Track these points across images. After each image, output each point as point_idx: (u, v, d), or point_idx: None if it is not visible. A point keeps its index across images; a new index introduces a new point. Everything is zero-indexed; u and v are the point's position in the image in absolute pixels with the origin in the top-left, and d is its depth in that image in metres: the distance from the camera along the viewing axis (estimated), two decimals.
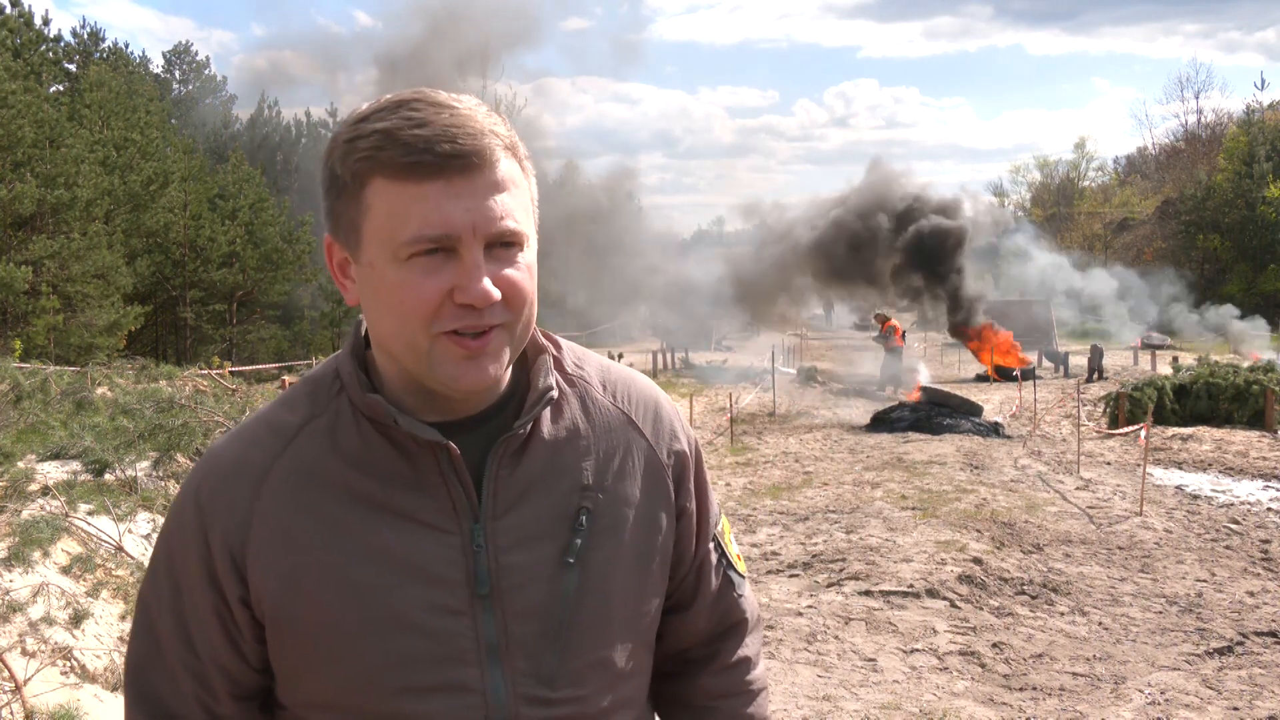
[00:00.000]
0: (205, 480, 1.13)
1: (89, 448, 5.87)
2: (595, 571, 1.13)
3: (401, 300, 1.03)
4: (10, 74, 20.05)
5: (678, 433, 1.25)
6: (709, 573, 1.30)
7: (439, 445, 1.08)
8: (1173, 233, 45.28)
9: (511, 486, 1.12)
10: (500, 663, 1.09)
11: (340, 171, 1.05)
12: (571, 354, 1.23)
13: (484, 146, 1.02)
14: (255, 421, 1.17)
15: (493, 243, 1.03)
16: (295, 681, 1.13)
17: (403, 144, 1.00)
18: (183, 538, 1.13)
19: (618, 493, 1.17)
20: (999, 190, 71.38)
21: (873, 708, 4.76)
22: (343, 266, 1.10)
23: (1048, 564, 7.36)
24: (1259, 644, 5.67)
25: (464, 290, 1.02)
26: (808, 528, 8.55)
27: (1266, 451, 12.53)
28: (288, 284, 28.83)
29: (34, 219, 20.38)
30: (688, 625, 1.30)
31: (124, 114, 24.44)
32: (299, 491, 1.10)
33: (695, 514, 1.26)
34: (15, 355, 15.12)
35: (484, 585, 1.09)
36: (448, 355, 1.04)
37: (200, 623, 1.12)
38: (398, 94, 1.05)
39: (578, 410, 1.19)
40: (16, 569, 4.24)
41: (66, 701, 3.60)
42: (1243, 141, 42.76)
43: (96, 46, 31.49)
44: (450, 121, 1.01)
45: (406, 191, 1.01)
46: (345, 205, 1.05)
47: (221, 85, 46.85)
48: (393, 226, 1.01)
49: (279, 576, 1.08)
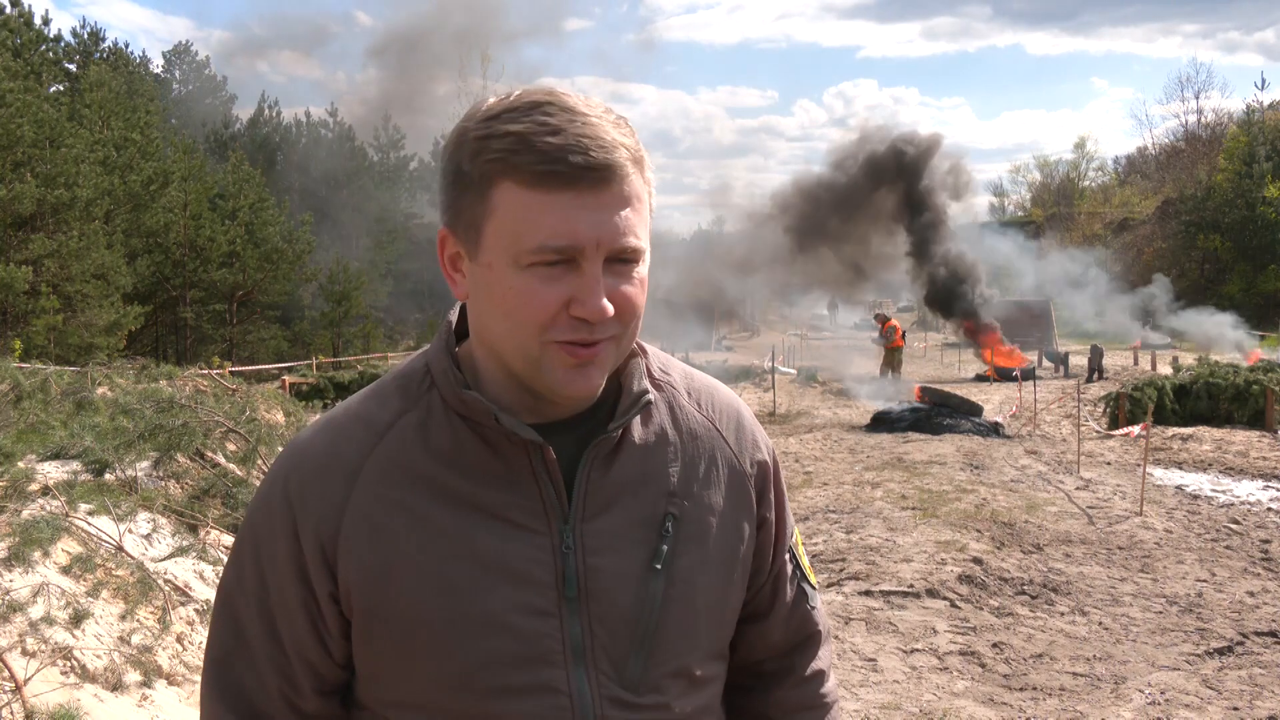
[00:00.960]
0: (294, 472, 1.12)
1: (89, 448, 5.87)
2: (681, 578, 1.13)
3: (519, 305, 1.02)
4: (10, 74, 20.06)
5: (759, 443, 1.25)
6: (785, 584, 1.29)
7: (534, 445, 1.08)
8: (1173, 233, 45.29)
9: (603, 490, 1.11)
10: (585, 665, 1.09)
11: (468, 168, 1.04)
12: (657, 359, 1.23)
13: (615, 161, 1.02)
14: (344, 415, 1.15)
15: (613, 258, 1.03)
16: (379, 680, 1.12)
17: (538, 151, 0.99)
18: (270, 530, 1.11)
19: (703, 500, 1.16)
20: (999, 190, 71.50)
21: (873, 708, 4.76)
22: (454, 260, 1.09)
23: (1048, 564, 7.36)
24: (1259, 644, 5.67)
25: (581, 304, 1.02)
26: (808, 528, 8.55)
27: (1266, 451, 12.53)
28: (288, 284, 28.82)
29: (34, 219, 20.38)
30: (763, 636, 1.29)
31: (124, 114, 24.46)
32: (391, 487, 1.09)
33: (774, 525, 1.26)
34: (15, 355, 15.13)
35: (572, 587, 1.08)
36: (558, 363, 1.04)
37: (287, 617, 1.11)
38: (528, 93, 1.04)
39: (665, 416, 1.18)
40: (16, 569, 4.24)
41: (66, 701, 3.60)
42: (1243, 141, 42.77)
43: (96, 46, 31.50)
44: (583, 131, 1.01)
45: (536, 199, 1.00)
46: (469, 202, 1.04)
47: (222, 85, 46.87)
48: (518, 232, 1.01)
49: (369, 572, 1.07)
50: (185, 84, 45.99)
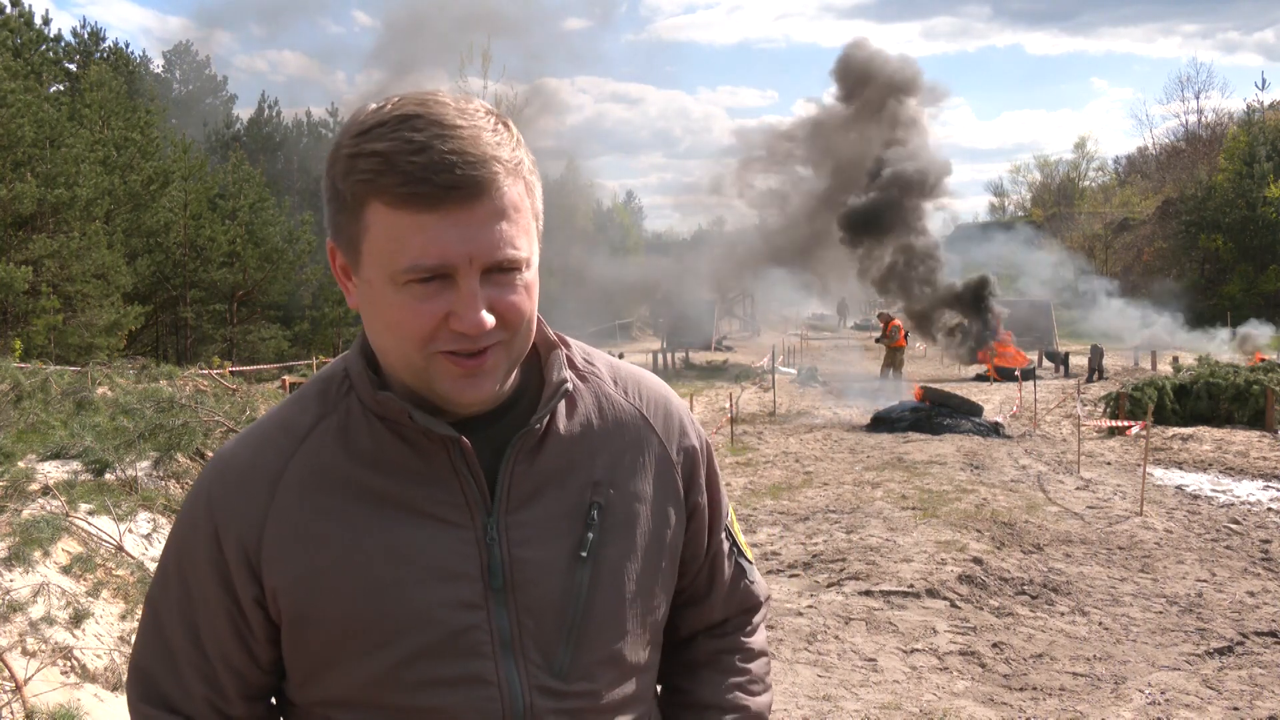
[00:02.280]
0: (216, 482, 1.14)
1: (89, 447, 5.87)
2: (608, 566, 1.14)
3: (398, 322, 1.03)
4: (10, 74, 20.04)
5: (687, 429, 1.26)
6: (723, 563, 1.32)
7: (450, 439, 1.09)
8: (1173, 233, 45.25)
9: (527, 481, 1.12)
10: (513, 656, 1.10)
11: (341, 187, 1.04)
12: (580, 351, 1.24)
13: (484, 176, 1.00)
14: (266, 422, 1.17)
15: (491, 269, 1.03)
16: (312, 680, 1.13)
17: (401, 172, 0.98)
18: (194, 539, 1.13)
19: (629, 488, 1.18)
20: (999, 190, 71.46)
21: (873, 708, 4.76)
22: (345, 270, 1.10)
23: (1048, 564, 7.36)
24: (1259, 644, 5.67)
25: (459, 318, 1.02)
26: (808, 528, 8.55)
27: (1267, 451, 12.52)
28: (288, 284, 28.80)
29: (34, 219, 20.37)
30: (704, 616, 1.32)
31: (124, 114, 24.42)
32: (313, 491, 1.10)
33: (707, 509, 1.28)
34: (15, 355, 15.12)
35: (498, 579, 1.10)
36: (445, 373, 1.05)
37: (211, 624, 1.13)
38: (401, 104, 1.03)
39: (591, 406, 1.19)
40: (17, 568, 4.24)
41: (67, 701, 3.60)
42: (1243, 141, 42.72)
43: (97, 46, 31.47)
44: (452, 148, 0.99)
45: (404, 220, 1.00)
46: (345, 220, 1.05)
47: (222, 85, 46.88)
48: (390, 251, 1.01)
49: (296, 576, 1.09)
50: (185, 84, 46.00)
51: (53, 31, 28.94)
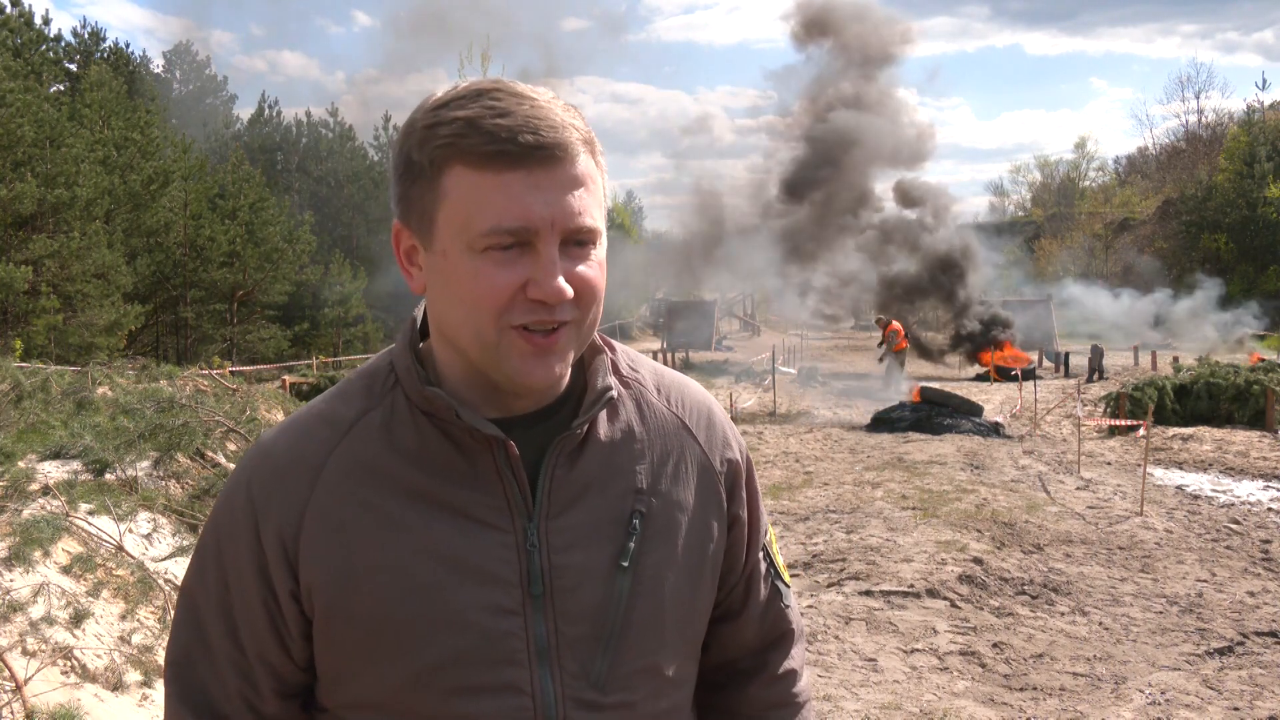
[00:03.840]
0: (257, 473, 1.11)
1: (89, 447, 5.86)
2: (648, 575, 1.12)
3: (474, 290, 1.01)
4: (10, 74, 20.06)
5: (730, 440, 1.24)
6: (758, 582, 1.28)
7: (497, 441, 1.07)
8: (1173, 233, 45.26)
9: (567, 487, 1.10)
10: (549, 664, 1.08)
11: (418, 157, 1.03)
12: (625, 356, 1.22)
13: (565, 140, 1.01)
14: (308, 414, 1.15)
15: (568, 239, 1.02)
16: (341, 681, 1.11)
17: (486, 132, 0.99)
18: (233, 530, 1.11)
19: (671, 497, 1.15)
20: (999, 190, 71.49)
21: (873, 708, 4.76)
22: (410, 254, 1.09)
23: (1048, 564, 7.36)
24: (1259, 644, 5.67)
25: (538, 285, 1.00)
26: (808, 528, 8.55)
27: (1267, 451, 12.53)
28: (288, 284, 28.81)
29: (34, 219, 20.38)
30: (737, 635, 1.29)
31: (124, 114, 24.43)
32: (354, 486, 1.08)
33: (747, 523, 1.25)
34: (16, 355, 15.13)
35: (537, 585, 1.07)
36: (516, 350, 1.03)
37: (248, 618, 1.10)
38: (476, 83, 1.04)
39: (633, 413, 1.17)
40: (17, 568, 4.24)
41: (67, 701, 3.60)
42: (1244, 141, 42.73)
43: (97, 46, 31.48)
44: (532, 113, 1.00)
45: (487, 181, 1.00)
46: (420, 191, 1.04)
47: (222, 85, 46.87)
48: (470, 215, 1.00)
49: (332, 571, 1.07)
50: (185, 84, 45.99)
51: (53, 31, 28.97)
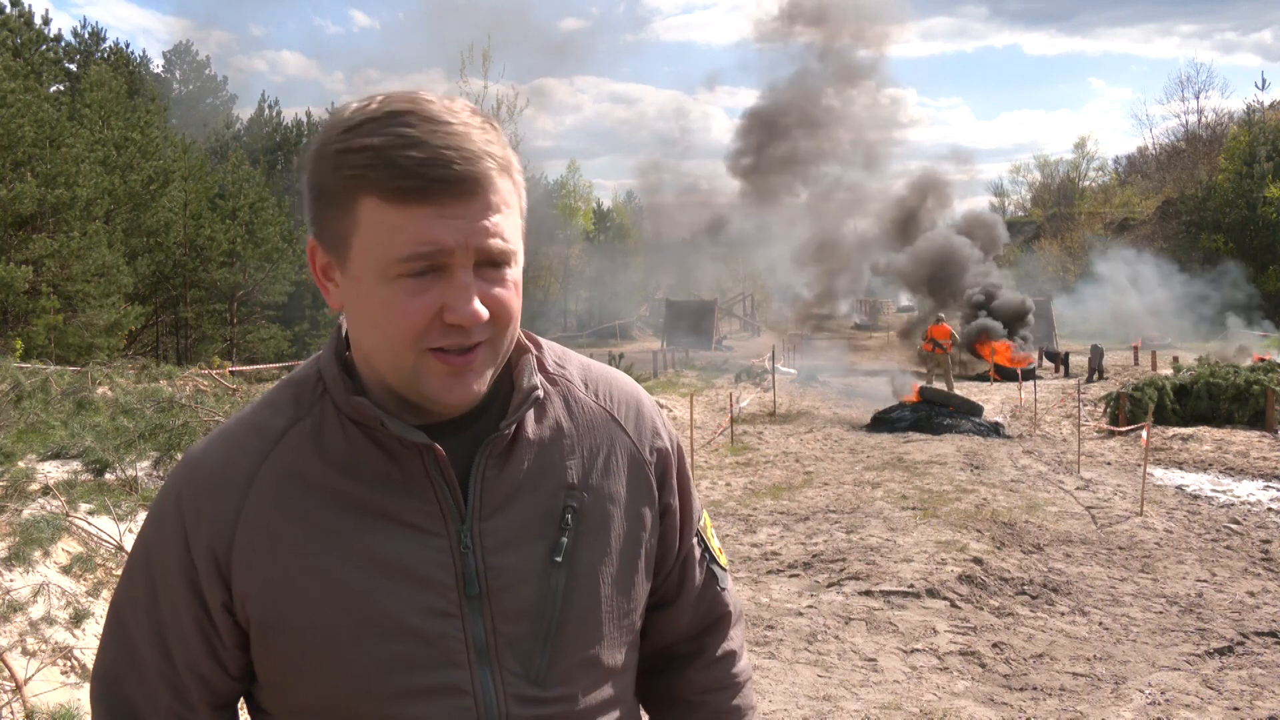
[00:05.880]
0: (187, 485, 1.11)
1: (89, 447, 5.87)
2: (583, 570, 1.13)
3: (389, 318, 1.01)
4: (10, 74, 20.04)
5: (659, 430, 1.25)
6: (693, 567, 1.30)
7: (425, 447, 1.07)
8: (1173, 233, 45.27)
9: (498, 487, 1.11)
10: (489, 664, 1.09)
11: (330, 182, 1.02)
12: (552, 353, 1.23)
13: (478, 172, 1.00)
14: (237, 425, 1.15)
15: (482, 261, 1.02)
16: (282, 688, 1.11)
17: (397, 166, 0.98)
18: (161, 544, 1.11)
19: (603, 490, 1.17)
20: (999, 190, 71.50)
21: (873, 708, 4.76)
22: (326, 270, 1.08)
23: (1048, 564, 7.36)
24: (1259, 644, 5.67)
25: (454, 310, 1.01)
26: (808, 528, 8.55)
27: (1267, 451, 12.53)
28: (288, 284, 28.81)
29: (34, 219, 20.37)
30: (673, 621, 1.31)
31: (124, 114, 24.42)
32: (286, 496, 1.08)
33: (679, 510, 1.27)
34: (16, 355, 15.12)
35: (473, 587, 1.08)
36: (433, 371, 1.04)
37: (178, 630, 1.10)
38: (389, 100, 1.02)
39: (561, 409, 1.18)
40: (17, 568, 4.24)
41: (67, 701, 3.60)
42: (1243, 141, 42.75)
43: (97, 46, 31.46)
44: (445, 143, 0.99)
45: (398, 214, 0.99)
46: (333, 216, 1.03)
47: (222, 85, 46.87)
48: (383, 245, 1.00)
49: (266, 582, 1.07)
50: (185, 84, 45.99)
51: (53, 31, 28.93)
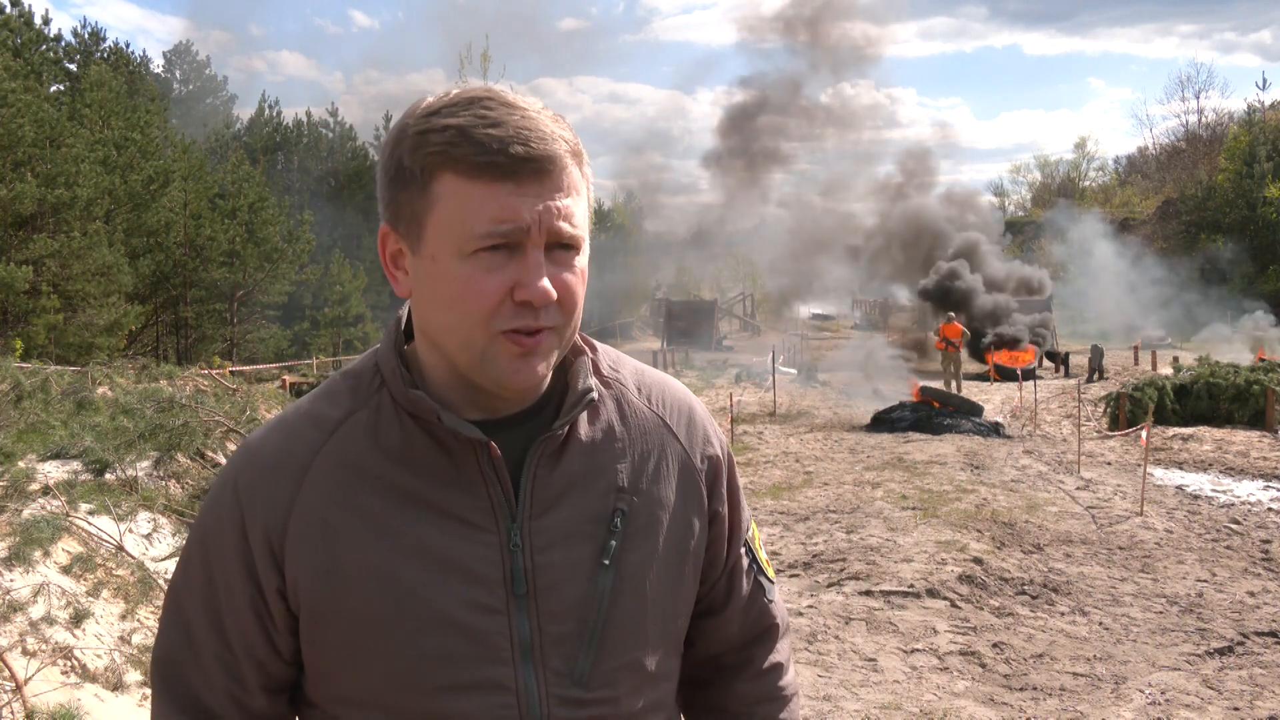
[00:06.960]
0: (244, 472, 1.13)
1: (89, 447, 5.87)
2: (630, 573, 1.14)
3: (464, 295, 1.04)
4: (10, 74, 20.04)
5: (711, 438, 1.26)
6: (740, 577, 1.31)
7: (480, 443, 1.09)
8: (1173, 233, 45.26)
9: (549, 487, 1.12)
10: (533, 662, 1.10)
11: (409, 163, 1.05)
12: (607, 356, 1.24)
13: (554, 152, 1.04)
14: (295, 414, 1.17)
15: (553, 244, 1.05)
16: (328, 677, 1.13)
17: (477, 143, 1.02)
18: (219, 528, 1.13)
19: (652, 495, 1.17)
20: (999, 190, 71.50)
21: (873, 708, 4.76)
22: (396, 258, 1.10)
23: (1048, 564, 7.36)
24: (1259, 644, 5.67)
25: (525, 287, 1.03)
26: (808, 528, 8.55)
27: (1267, 451, 12.53)
28: (288, 284, 28.81)
29: (34, 218, 20.37)
30: (720, 630, 1.31)
31: (124, 114, 24.41)
32: (340, 485, 1.10)
33: (728, 519, 1.27)
34: (16, 355, 15.12)
35: (521, 585, 1.09)
36: (503, 352, 1.05)
37: (234, 614, 1.12)
38: (467, 90, 1.07)
39: (614, 413, 1.19)
40: (17, 568, 4.25)
41: (67, 701, 3.60)
42: (1244, 141, 42.71)
43: (97, 46, 31.45)
44: (522, 124, 1.03)
45: (477, 189, 1.02)
46: (410, 196, 1.06)
47: (222, 85, 46.87)
48: (461, 221, 1.03)
49: (317, 570, 1.09)
50: (185, 84, 45.99)
51: (53, 31, 28.92)
